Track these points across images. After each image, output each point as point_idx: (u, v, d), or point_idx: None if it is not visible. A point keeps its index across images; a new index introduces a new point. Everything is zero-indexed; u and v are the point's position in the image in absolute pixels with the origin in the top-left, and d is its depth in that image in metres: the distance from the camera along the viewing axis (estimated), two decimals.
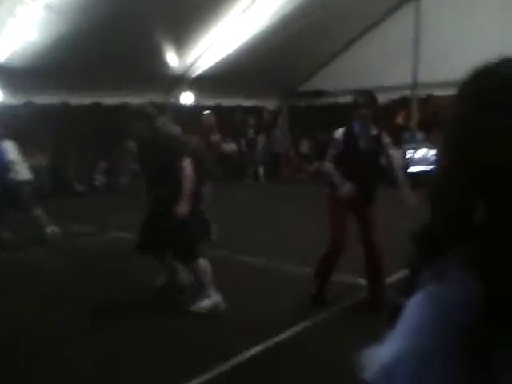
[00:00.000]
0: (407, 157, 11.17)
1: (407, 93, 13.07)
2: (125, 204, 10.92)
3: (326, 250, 4.33)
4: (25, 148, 11.69)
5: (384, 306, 3.97)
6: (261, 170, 14.02)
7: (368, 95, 4.24)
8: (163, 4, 9.23)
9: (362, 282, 4.62)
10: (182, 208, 4.16)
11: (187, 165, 4.25)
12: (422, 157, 11.16)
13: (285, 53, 11.98)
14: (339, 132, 4.28)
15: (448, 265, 0.65)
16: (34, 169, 11.11)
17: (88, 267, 5.89)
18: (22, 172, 6.92)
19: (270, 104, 15.17)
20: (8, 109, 9.89)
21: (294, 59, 12.83)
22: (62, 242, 6.87)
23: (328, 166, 4.33)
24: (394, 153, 4.40)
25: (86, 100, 11.16)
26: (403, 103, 14.47)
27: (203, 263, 4.32)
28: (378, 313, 3.71)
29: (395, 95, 13.48)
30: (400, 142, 12.01)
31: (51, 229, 6.94)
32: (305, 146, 15.10)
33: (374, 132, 4.24)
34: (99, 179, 12.89)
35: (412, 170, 10.50)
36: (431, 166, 4.23)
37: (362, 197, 4.18)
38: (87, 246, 7.09)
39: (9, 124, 8.06)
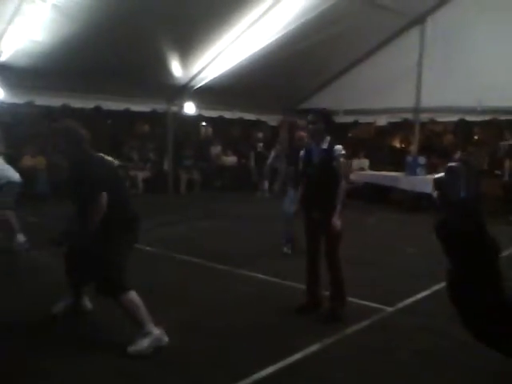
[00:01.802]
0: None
1: (409, 116, 13.14)
2: None
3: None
4: (24, 148, 11.87)
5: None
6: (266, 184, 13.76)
7: (317, 112, 4.68)
8: (170, 14, 9.30)
9: (374, 304, 4.79)
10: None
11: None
12: None
13: (289, 69, 12.07)
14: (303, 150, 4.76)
15: None
16: (32, 170, 11.26)
17: None
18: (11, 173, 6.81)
19: (272, 119, 15.23)
20: (8, 108, 9.92)
21: (297, 76, 12.91)
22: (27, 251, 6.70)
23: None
24: (343, 164, 4.57)
25: (88, 104, 11.19)
26: (404, 126, 14.58)
27: (133, 296, 3.81)
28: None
29: (396, 118, 13.59)
30: (402, 165, 12.06)
31: (20, 237, 6.75)
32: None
33: (325, 146, 4.51)
34: None
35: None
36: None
37: (318, 210, 4.48)
38: None
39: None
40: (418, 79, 12.46)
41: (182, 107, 12.70)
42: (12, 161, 7.65)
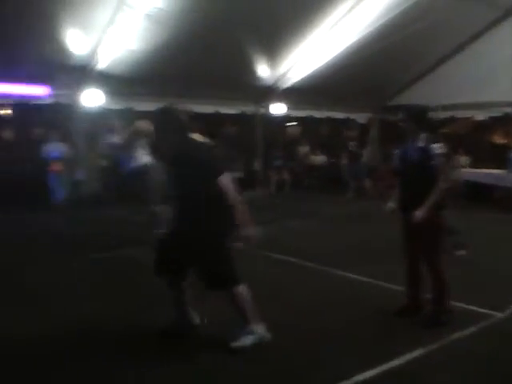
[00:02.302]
0: None
1: (509, 110, 12.32)
2: None
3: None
4: None
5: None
6: (367, 183, 13.36)
7: (407, 110, 4.50)
8: (256, 17, 9.39)
9: (482, 310, 4.52)
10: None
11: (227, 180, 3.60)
12: None
13: (376, 66, 11.79)
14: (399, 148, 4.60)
15: None
16: None
17: None
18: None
19: (361, 117, 14.90)
20: (109, 113, 10.49)
21: (387, 72, 12.59)
22: None
23: None
24: (442, 161, 4.28)
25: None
26: (504, 121, 13.67)
27: (245, 289, 3.74)
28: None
29: (496, 112, 12.80)
30: (504, 162, 11.32)
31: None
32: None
33: (421, 144, 4.30)
34: None
35: None
36: None
37: (414, 208, 4.20)
38: None
39: None
40: None
41: (269, 108, 12.77)
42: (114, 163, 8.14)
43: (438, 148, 4.26)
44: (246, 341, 3.70)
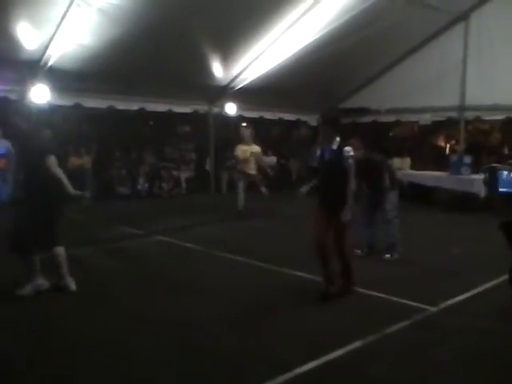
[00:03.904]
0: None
1: (453, 114, 12.84)
2: (165, 209, 11.35)
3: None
4: (73, 149, 12.27)
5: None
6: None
7: (324, 116, 5.07)
8: (212, 17, 9.43)
9: (416, 304, 4.79)
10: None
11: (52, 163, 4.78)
12: None
13: (329, 69, 12.01)
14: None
15: None
16: (79, 169, 11.64)
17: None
18: None
19: (312, 119, 15.17)
20: (56, 109, 10.27)
21: (338, 75, 12.84)
22: None
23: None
24: (352, 163, 4.88)
25: (132, 105, 11.47)
26: (447, 125, 14.24)
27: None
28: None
29: (440, 116, 13.30)
30: (447, 165, 11.79)
31: None
32: None
33: (335, 146, 4.86)
34: (142, 183, 13.19)
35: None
36: None
37: (330, 205, 4.85)
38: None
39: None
40: (463, 77, 12.19)
41: (223, 108, 12.84)
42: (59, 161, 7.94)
43: (348, 151, 4.84)
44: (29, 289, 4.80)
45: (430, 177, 11.96)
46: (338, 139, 4.88)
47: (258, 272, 6.06)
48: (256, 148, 10.25)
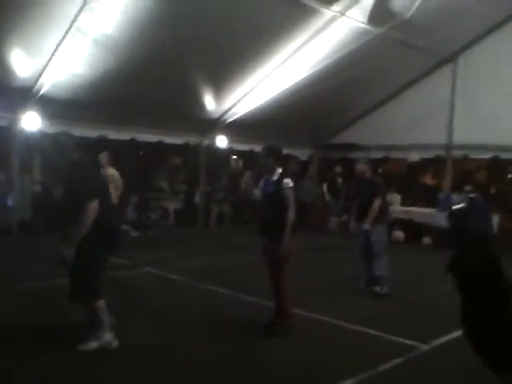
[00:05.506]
0: None
1: (441, 152, 13.01)
2: (154, 240, 11.30)
3: None
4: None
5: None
6: None
7: (267, 148, 5.15)
8: (205, 50, 9.56)
9: (408, 341, 4.72)
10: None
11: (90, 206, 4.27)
12: None
13: (320, 105, 12.18)
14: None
15: None
16: None
17: None
18: None
19: (302, 153, 15.27)
20: (44, 136, 10.19)
21: (328, 112, 13.01)
22: None
23: None
24: (290, 194, 4.89)
25: (124, 135, 11.45)
26: (436, 163, 14.40)
27: (102, 304, 4.36)
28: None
29: (429, 154, 13.47)
30: (434, 201, 11.87)
31: None
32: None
33: (275, 177, 4.95)
34: (130, 214, 13.05)
35: None
36: None
37: (267, 236, 4.92)
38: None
39: None
40: (450, 116, 12.41)
41: (214, 140, 12.88)
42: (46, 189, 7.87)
43: (287, 182, 4.89)
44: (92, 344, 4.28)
45: (418, 213, 12.03)
46: (279, 170, 4.98)
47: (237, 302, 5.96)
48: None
